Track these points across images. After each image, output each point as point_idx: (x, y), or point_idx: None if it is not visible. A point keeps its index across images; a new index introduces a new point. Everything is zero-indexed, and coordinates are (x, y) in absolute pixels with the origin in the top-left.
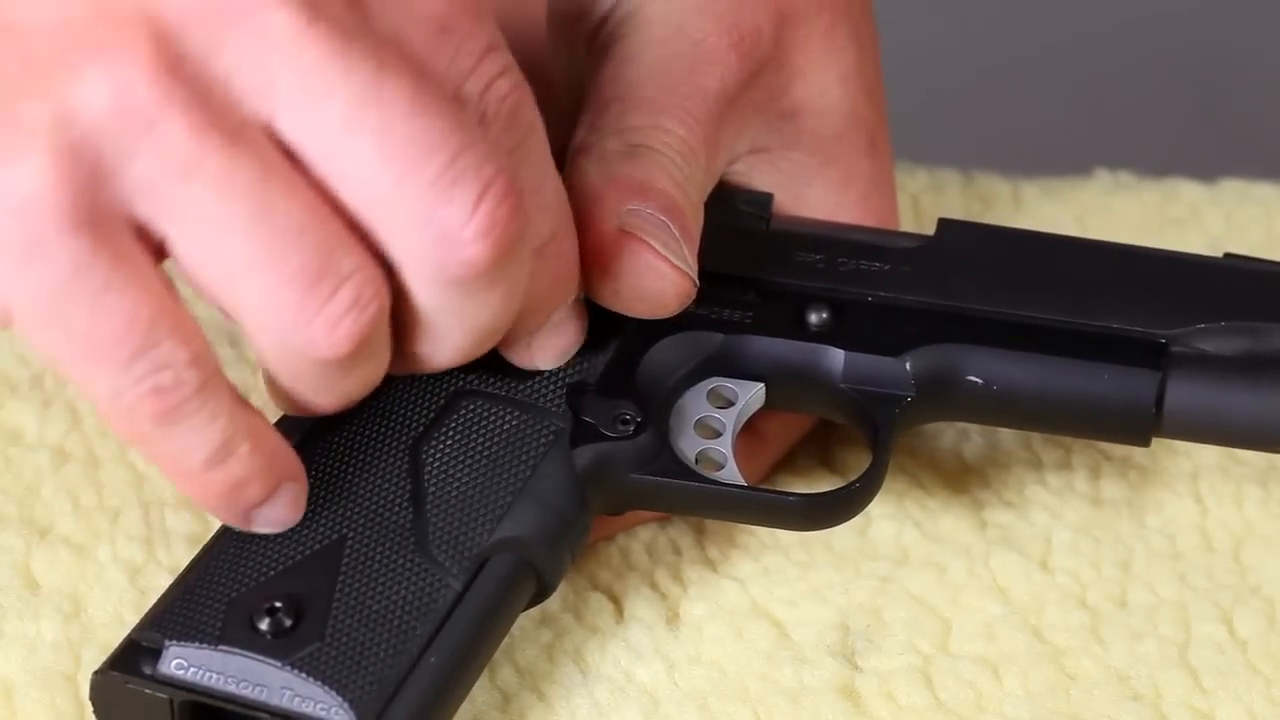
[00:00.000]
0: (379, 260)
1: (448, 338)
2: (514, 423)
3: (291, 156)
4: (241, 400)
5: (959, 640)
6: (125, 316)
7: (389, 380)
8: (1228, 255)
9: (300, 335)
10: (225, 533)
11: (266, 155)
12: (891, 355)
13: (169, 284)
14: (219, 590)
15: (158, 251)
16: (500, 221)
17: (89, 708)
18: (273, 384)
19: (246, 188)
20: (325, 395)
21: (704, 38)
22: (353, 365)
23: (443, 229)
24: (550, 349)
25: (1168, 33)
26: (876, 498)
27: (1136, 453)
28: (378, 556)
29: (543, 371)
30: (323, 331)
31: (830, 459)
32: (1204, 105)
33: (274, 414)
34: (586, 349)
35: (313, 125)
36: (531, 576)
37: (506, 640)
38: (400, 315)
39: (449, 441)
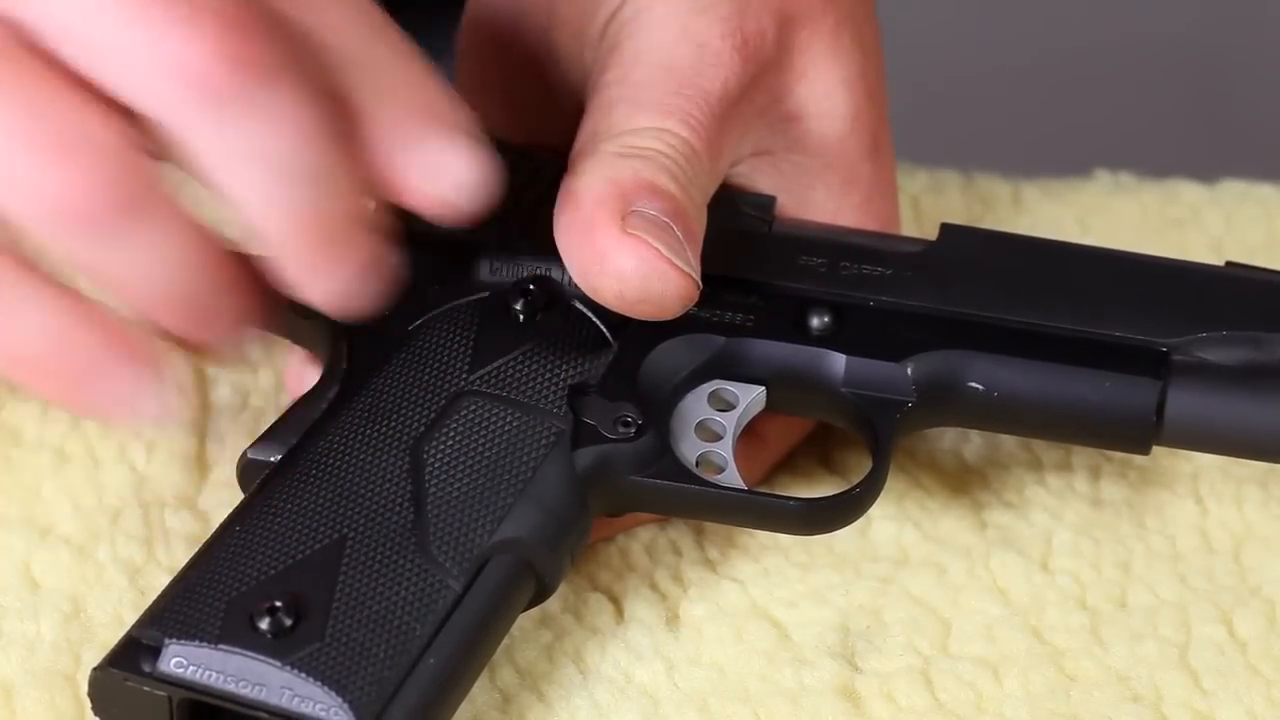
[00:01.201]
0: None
1: (258, 187)
2: (515, 424)
3: (47, 55)
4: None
5: (959, 641)
6: None
7: (390, 380)
8: (1229, 264)
9: (39, 185)
10: (226, 531)
11: (6, 49)
12: (893, 360)
13: None
14: (219, 589)
15: None
16: (230, 41)
17: (89, 707)
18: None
19: None
20: (127, 265)
21: (707, 40)
22: (120, 225)
23: (177, 60)
24: (437, 175)
25: (1168, 33)
26: (877, 499)
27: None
28: (378, 557)
29: (544, 373)
30: (60, 183)
31: (831, 461)
32: (1204, 105)
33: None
34: (587, 350)
35: (46, 10)
36: (531, 578)
37: (506, 641)
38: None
39: (450, 442)
